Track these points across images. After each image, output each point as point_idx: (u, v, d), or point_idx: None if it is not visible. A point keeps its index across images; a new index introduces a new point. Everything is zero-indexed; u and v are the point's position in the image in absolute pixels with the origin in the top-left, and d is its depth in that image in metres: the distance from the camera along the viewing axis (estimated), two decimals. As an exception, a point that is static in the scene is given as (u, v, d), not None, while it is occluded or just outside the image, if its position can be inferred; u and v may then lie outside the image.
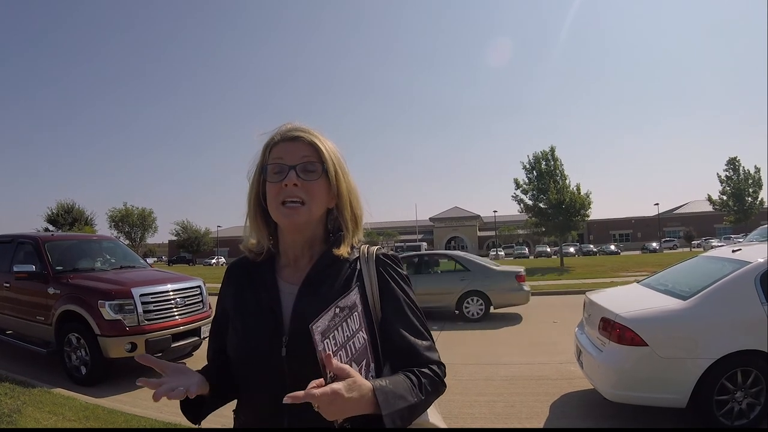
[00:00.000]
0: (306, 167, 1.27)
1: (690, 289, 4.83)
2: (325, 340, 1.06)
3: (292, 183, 1.24)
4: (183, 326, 7.14)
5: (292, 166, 1.25)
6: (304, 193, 1.25)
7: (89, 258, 8.48)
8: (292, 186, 1.24)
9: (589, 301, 5.55)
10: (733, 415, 4.33)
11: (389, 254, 1.38)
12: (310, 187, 1.26)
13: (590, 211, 33.39)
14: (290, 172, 1.25)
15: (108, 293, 6.69)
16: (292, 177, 1.24)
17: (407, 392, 1.12)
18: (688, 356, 4.36)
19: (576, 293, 14.62)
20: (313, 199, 1.27)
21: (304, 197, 1.25)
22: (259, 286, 1.33)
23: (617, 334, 4.54)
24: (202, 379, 1.21)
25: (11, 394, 5.61)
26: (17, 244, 8.22)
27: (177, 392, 1.11)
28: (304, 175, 1.26)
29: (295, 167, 1.25)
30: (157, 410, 5.46)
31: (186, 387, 1.13)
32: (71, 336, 6.84)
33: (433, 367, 1.24)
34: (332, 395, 0.97)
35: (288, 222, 1.27)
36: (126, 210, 57.32)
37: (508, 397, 5.74)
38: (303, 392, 0.96)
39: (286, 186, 1.24)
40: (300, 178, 1.25)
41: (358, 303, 1.17)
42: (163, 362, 1.21)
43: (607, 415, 5.01)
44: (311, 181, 1.26)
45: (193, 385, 1.15)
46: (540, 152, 33.77)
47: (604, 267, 28.43)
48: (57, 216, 45.78)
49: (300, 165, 1.26)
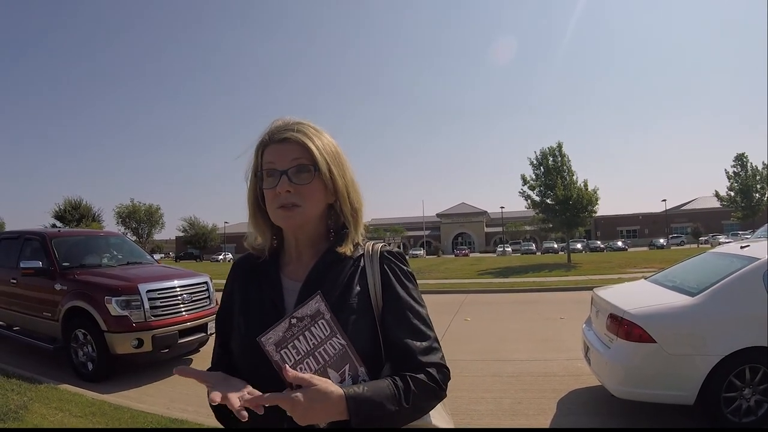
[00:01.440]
0: (298, 170, 1.24)
1: (698, 285, 4.80)
2: (282, 351, 1.12)
3: (284, 190, 1.21)
4: (190, 322, 7.16)
5: (283, 171, 1.23)
6: (298, 197, 1.23)
7: (96, 254, 8.51)
8: (284, 192, 1.22)
9: (597, 297, 5.52)
10: (741, 412, 4.29)
11: (393, 251, 1.36)
12: (303, 190, 1.23)
13: (597, 208, 33.25)
14: (282, 178, 1.22)
15: (114, 289, 6.71)
16: (284, 183, 1.21)
17: (387, 400, 1.10)
18: (696, 353, 4.33)
19: (583, 289, 14.54)
20: (307, 201, 1.24)
21: (298, 201, 1.23)
22: (263, 283, 1.32)
23: (625, 330, 4.51)
24: (243, 383, 1.17)
25: (18, 390, 5.64)
26: (24, 240, 8.27)
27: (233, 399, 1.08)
28: (296, 179, 1.23)
29: (286, 172, 1.23)
30: (163, 406, 5.49)
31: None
32: (78, 332, 6.86)
33: (431, 370, 1.20)
34: (290, 402, 1.02)
35: (285, 225, 1.26)
36: (133, 206, 57.45)
37: (515, 394, 5.72)
38: (264, 395, 1.05)
39: (279, 193, 1.22)
40: (292, 182, 1.22)
41: (324, 310, 1.15)
42: (204, 373, 1.18)
43: (615, 412, 4.99)
44: (303, 184, 1.23)
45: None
46: (547, 148, 33.67)
47: (612, 263, 28.37)
48: (64, 212, 45.95)
49: (291, 169, 1.23)
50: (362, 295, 1.26)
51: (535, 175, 33.78)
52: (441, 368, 1.23)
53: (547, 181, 32.90)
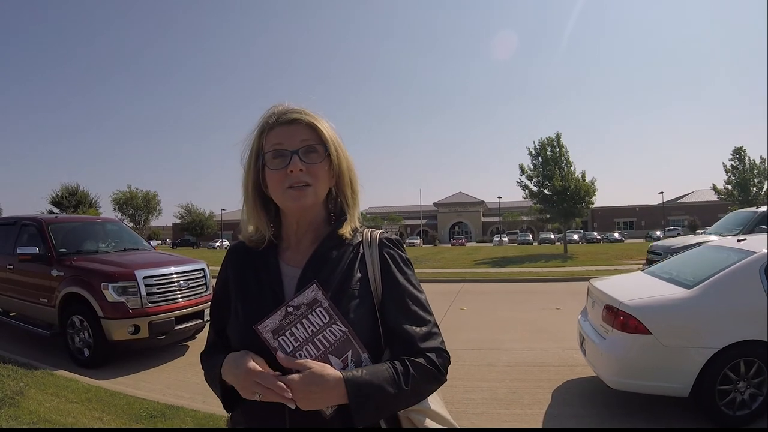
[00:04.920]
0: (307, 150, 1.25)
1: (694, 278, 4.81)
2: (280, 338, 1.14)
3: (297, 169, 1.22)
4: (186, 309, 7.16)
5: (293, 151, 1.23)
6: (310, 177, 1.24)
7: (93, 240, 8.48)
8: (297, 172, 1.22)
9: (593, 288, 5.53)
10: (735, 405, 4.31)
11: (392, 238, 1.37)
12: (315, 169, 1.25)
13: (595, 199, 33.23)
14: (293, 158, 1.22)
15: (111, 275, 6.70)
16: (297, 162, 1.22)
17: (386, 383, 1.11)
18: (691, 345, 4.34)
19: (579, 280, 14.58)
20: (318, 181, 1.25)
21: (310, 180, 1.24)
22: (261, 269, 1.32)
23: (621, 321, 4.52)
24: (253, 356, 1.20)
25: (14, 376, 5.64)
26: (21, 226, 8.25)
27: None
28: (307, 159, 1.24)
29: (297, 152, 1.23)
30: (159, 393, 5.50)
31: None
32: (74, 318, 6.86)
33: (430, 355, 1.21)
34: (287, 384, 1.07)
35: (296, 205, 1.25)
36: (130, 193, 57.18)
37: (510, 383, 5.74)
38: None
39: (291, 172, 1.22)
40: (304, 162, 1.23)
41: (322, 298, 1.16)
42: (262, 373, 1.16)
43: (609, 403, 5.01)
44: (315, 163, 1.25)
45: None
46: (546, 138, 33.56)
47: (608, 254, 28.43)
48: (61, 198, 45.78)
49: (302, 149, 1.24)
50: (363, 281, 1.27)
51: (533, 165, 33.72)
52: (441, 353, 1.24)
53: (545, 172, 32.84)
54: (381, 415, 1.14)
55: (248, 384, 1.11)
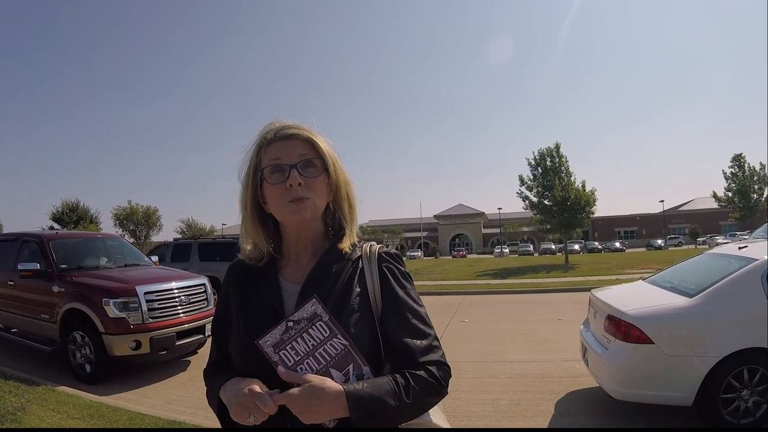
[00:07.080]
0: (305, 165, 1.26)
1: (696, 286, 4.80)
2: (281, 352, 1.15)
3: (296, 182, 1.23)
4: (188, 324, 7.15)
5: (292, 165, 1.24)
6: (308, 191, 1.25)
7: (94, 256, 8.48)
8: (297, 186, 1.23)
9: (595, 298, 5.52)
10: (740, 413, 4.29)
11: (391, 252, 1.38)
12: (313, 183, 1.26)
13: (595, 209, 33.29)
14: (292, 172, 1.23)
15: (112, 291, 6.69)
16: (296, 176, 1.23)
17: (388, 395, 1.11)
18: (694, 354, 4.33)
19: (581, 290, 14.52)
20: (317, 195, 1.27)
21: (308, 194, 1.25)
22: (261, 285, 1.32)
23: (623, 331, 4.51)
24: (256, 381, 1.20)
25: (16, 392, 5.63)
26: (22, 242, 8.25)
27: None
28: (305, 173, 1.25)
29: (295, 166, 1.24)
30: (161, 408, 5.48)
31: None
32: (76, 334, 6.84)
33: (431, 368, 1.21)
34: (287, 399, 1.07)
35: (296, 219, 1.26)
36: (131, 208, 57.17)
37: (512, 395, 5.72)
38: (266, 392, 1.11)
39: (290, 186, 1.23)
40: (303, 176, 1.24)
41: (322, 313, 1.17)
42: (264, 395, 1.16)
43: (612, 414, 4.99)
44: (313, 177, 1.26)
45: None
46: (545, 149, 33.68)
47: (609, 264, 28.39)
48: (62, 214, 45.87)
49: (300, 163, 1.25)
50: (362, 295, 1.27)
51: (533, 176, 33.81)
52: (441, 366, 1.24)
53: (545, 182, 32.93)
54: (382, 429, 1.14)
55: (246, 402, 1.10)
